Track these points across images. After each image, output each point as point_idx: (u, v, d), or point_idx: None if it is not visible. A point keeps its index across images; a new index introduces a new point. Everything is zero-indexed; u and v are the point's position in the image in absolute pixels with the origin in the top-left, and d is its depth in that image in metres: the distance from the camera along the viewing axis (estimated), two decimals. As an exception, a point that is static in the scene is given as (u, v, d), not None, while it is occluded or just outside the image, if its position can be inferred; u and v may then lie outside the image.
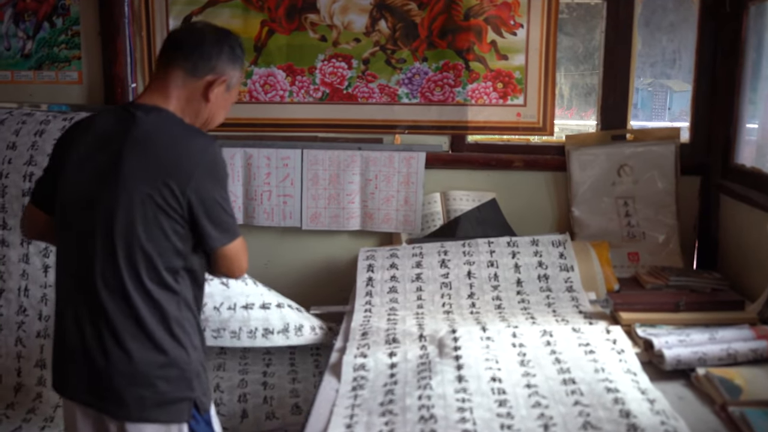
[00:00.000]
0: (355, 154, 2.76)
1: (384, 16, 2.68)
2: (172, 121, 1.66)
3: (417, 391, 1.59)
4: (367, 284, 2.34)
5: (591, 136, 2.72)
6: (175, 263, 1.60)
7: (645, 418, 1.45)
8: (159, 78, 1.72)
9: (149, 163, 1.57)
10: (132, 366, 1.56)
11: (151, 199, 1.55)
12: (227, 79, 1.75)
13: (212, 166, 1.62)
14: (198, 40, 1.72)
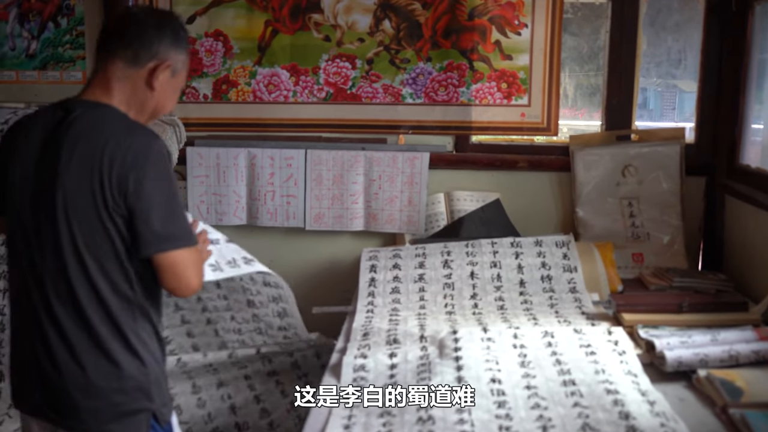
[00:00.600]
0: (359, 154, 2.76)
1: (388, 16, 2.68)
2: (112, 117, 1.56)
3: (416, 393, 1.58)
4: (370, 285, 2.34)
5: (595, 136, 2.71)
6: (125, 270, 1.52)
7: (645, 420, 1.44)
8: (99, 71, 1.62)
9: (87, 164, 1.48)
10: (86, 379, 1.51)
11: (92, 203, 1.47)
12: (171, 64, 1.64)
13: (152, 165, 1.50)
14: (136, 26, 1.62)
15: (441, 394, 1.54)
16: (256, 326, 2.31)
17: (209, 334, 2.37)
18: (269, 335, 2.31)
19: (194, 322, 2.35)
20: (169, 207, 1.52)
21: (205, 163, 2.80)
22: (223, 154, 2.79)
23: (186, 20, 2.74)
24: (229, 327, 2.35)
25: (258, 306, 2.28)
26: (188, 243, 1.55)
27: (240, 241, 2.80)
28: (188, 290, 1.58)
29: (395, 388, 1.59)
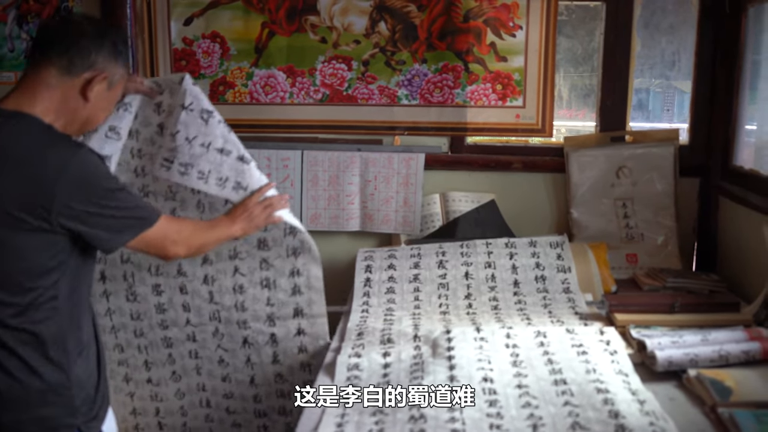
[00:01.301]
0: (355, 155, 2.78)
1: (384, 18, 2.69)
2: (33, 128, 1.50)
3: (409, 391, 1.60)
4: (365, 285, 2.36)
5: (590, 137, 2.73)
6: (42, 280, 1.50)
7: (634, 419, 1.46)
8: (28, 77, 1.56)
9: (5, 181, 1.45)
10: (9, 391, 1.49)
11: (7, 220, 1.45)
12: (108, 76, 1.61)
13: (78, 178, 1.48)
14: (75, 34, 1.57)
15: (439, 394, 1.56)
16: (263, 276, 2.20)
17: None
18: (275, 287, 2.20)
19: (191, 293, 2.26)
20: (112, 206, 1.54)
21: (202, 164, 2.81)
22: (220, 155, 2.80)
23: (183, 22, 2.77)
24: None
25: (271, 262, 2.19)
26: (148, 225, 1.61)
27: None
28: (175, 255, 1.71)
29: (392, 388, 1.61)
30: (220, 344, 2.23)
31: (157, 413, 2.34)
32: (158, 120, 2.02)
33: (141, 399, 2.33)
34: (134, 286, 2.18)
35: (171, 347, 2.25)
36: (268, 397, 2.26)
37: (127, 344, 2.26)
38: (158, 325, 2.22)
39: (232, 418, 2.31)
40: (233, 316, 2.18)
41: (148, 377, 2.30)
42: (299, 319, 2.18)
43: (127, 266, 2.17)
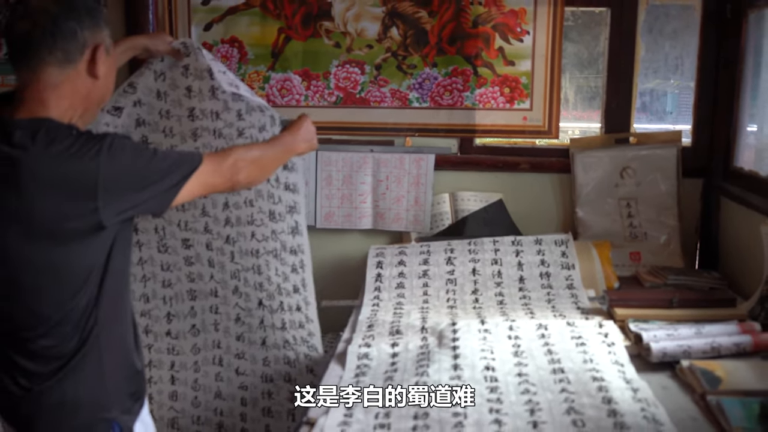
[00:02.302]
0: (367, 155, 2.88)
1: (395, 24, 2.79)
2: (58, 136, 1.42)
3: (414, 377, 1.70)
4: (376, 280, 2.46)
5: (595, 139, 2.81)
6: (85, 285, 1.50)
7: (626, 405, 1.55)
8: (29, 84, 1.46)
9: (44, 199, 1.41)
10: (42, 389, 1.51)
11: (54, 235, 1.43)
12: (103, 44, 1.52)
13: (115, 172, 1.44)
14: (49, 21, 1.44)
15: (437, 380, 1.66)
16: (273, 246, 2.28)
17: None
18: (282, 260, 2.29)
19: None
20: (151, 183, 1.50)
21: (220, 164, 2.92)
22: (238, 155, 2.91)
23: (203, 27, 2.88)
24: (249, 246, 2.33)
25: (278, 218, 2.27)
26: (188, 175, 1.56)
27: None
28: (237, 188, 1.75)
29: (396, 374, 1.71)
30: (238, 302, 2.33)
31: (171, 367, 2.44)
32: (186, 83, 2.16)
33: (158, 351, 2.43)
34: (165, 239, 2.30)
35: (195, 300, 2.36)
36: (276, 362, 2.36)
37: (153, 294, 2.37)
38: (186, 277, 2.34)
39: (240, 379, 2.41)
40: (251, 278, 2.29)
41: (168, 329, 2.41)
42: (297, 296, 2.29)
43: (158, 220, 2.28)
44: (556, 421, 1.49)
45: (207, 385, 2.46)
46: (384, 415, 1.54)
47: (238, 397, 2.44)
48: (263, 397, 2.42)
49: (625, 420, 1.48)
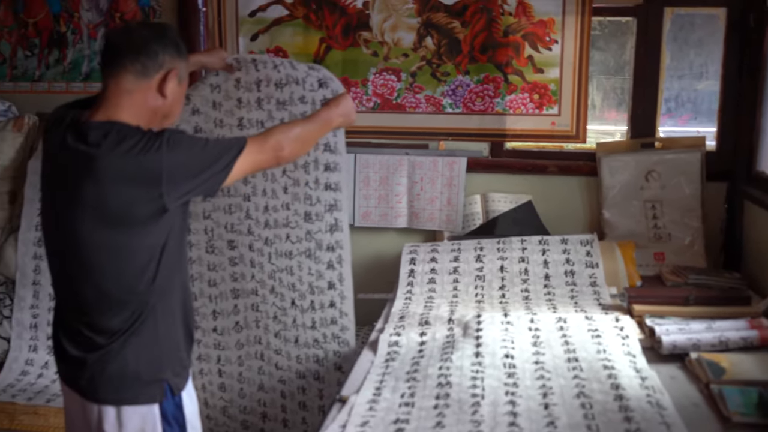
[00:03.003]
0: (403, 158, 3.04)
1: (430, 34, 2.94)
2: (127, 134, 1.65)
3: (439, 363, 1.86)
4: (409, 275, 2.61)
5: (621, 143, 2.93)
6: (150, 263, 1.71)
7: (633, 391, 1.68)
8: (109, 89, 1.71)
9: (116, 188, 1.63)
10: (109, 352, 1.71)
11: (125, 221, 1.66)
12: (177, 72, 1.76)
13: (174, 161, 1.65)
14: (139, 40, 1.72)
15: (459, 365, 1.81)
16: (307, 247, 2.45)
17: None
18: (316, 258, 2.44)
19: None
20: (203, 161, 1.72)
21: (265, 166, 3.12)
22: (282, 157, 3.10)
23: (250, 38, 3.08)
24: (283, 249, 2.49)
25: (314, 219, 2.43)
26: (237, 152, 1.78)
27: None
28: (280, 163, 1.97)
29: (422, 360, 1.87)
30: (275, 302, 2.50)
31: (218, 360, 2.63)
32: (237, 95, 2.37)
33: (206, 346, 2.62)
34: (212, 240, 2.49)
35: (237, 298, 2.54)
36: (307, 360, 2.53)
37: (200, 293, 2.56)
38: (230, 277, 2.52)
39: (279, 373, 2.58)
40: (285, 278, 2.46)
41: (214, 326, 2.59)
42: (332, 291, 2.45)
43: (207, 222, 2.48)
44: (567, 404, 1.63)
45: (251, 378, 2.63)
46: (409, 395, 1.70)
47: (278, 390, 2.61)
48: (298, 391, 2.59)
49: (630, 404, 1.62)
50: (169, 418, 1.77)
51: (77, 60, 3.25)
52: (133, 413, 1.74)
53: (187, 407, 1.83)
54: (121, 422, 1.73)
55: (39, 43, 3.27)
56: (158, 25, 1.87)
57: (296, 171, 2.39)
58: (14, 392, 2.64)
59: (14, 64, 3.31)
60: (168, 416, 1.77)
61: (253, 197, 2.45)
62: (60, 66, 3.27)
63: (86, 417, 1.77)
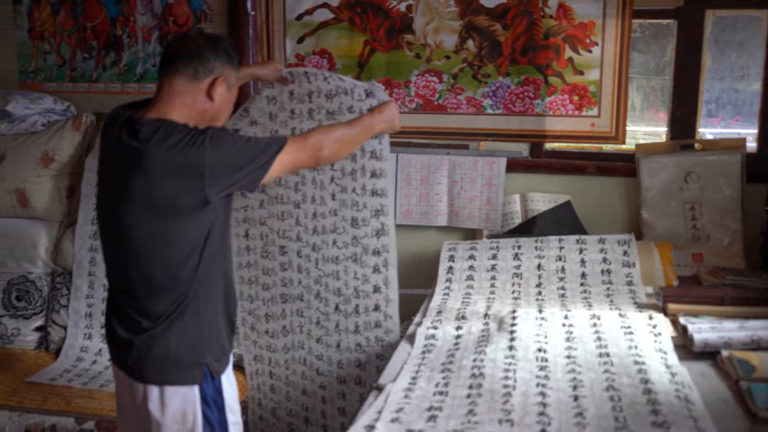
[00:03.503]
0: (444, 158, 3.11)
1: (472, 36, 3.01)
2: (173, 131, 1.78)
3: (473, 355, 1.93)
4: (448, 272, 2.68)
5: (660, 145, 2.95)
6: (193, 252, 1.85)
7: (662, 386, 1.72)
8: (162, 89, 1.87)
9: (164, 179, 1.77)
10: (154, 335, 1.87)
11: (171, 210, 1.80)
12: (226, 78, 1.90)
13: (215, 156, 1.77)
14: (194, 46, 1.86)
15: (493, 358, 1.87)
16: (353, 251, 2.56)
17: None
18: (362, 263, 2.54)
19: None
20: (244, 156, 1.84)
21: (310, 164, 3.22)
22: (326, 156, 3.21)
23: (297, 41, 3.18)
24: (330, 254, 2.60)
25: (360, 224, 2.54)
26: (277, 149, 1.89)
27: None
28: (323, 159, 2.05)
29: (457, 352, 1.94)
30: (318, 307, 2.60)
31: (269, 362, 2.74)
32: (291, 106, 2.49)
33: (260, 347, 2.73)
34: (267, 245, 2.60)
35: (285, 303, 2.64)
36: (349, 365, 2.62)
37: (256, 296, 2.67)
38: (280, 282, 2.63)
39: (320, 379, 2.67)
40: (331, 283, 2.56)
41: (266, 329, 2.70)
42: (377, 295, 2.54)
43: (263, 228, 2.60)
44: (596, 396, 1.69)
45: (295, 382, 2.73)
46: (443, 384, 1.77)
47: (319, 395, 2.70)
48: (338, 397, 2.67)
49: (659, 398, 1.66)
50: (209, 400, 1.90)
51: (132, 62, 3.40)
52: (175, 393, 1.87)
53: (226, 391, 1.96)
54: (164, 401, 1.87)
55: (96, 45, 3.43)
56: (213, 35, 1.99)
57: (344, 178, 2.49)
58: (70, 377, 2.79)
59: (73, 66, 3.48)
60: (207, 398, 1.90)
61: (303, 204, 2.57)
62: (116, 68, 3.42)
63: (133, 396, 1.91)
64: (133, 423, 1.97)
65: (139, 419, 1.93)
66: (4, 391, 2.63)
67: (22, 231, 3.15)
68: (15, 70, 3.55)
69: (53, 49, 3.49)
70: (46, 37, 3.49)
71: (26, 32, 3.51)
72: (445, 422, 1.57)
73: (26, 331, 3.08)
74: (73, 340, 3.01)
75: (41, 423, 2.48)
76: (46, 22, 3.48)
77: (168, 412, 1.87)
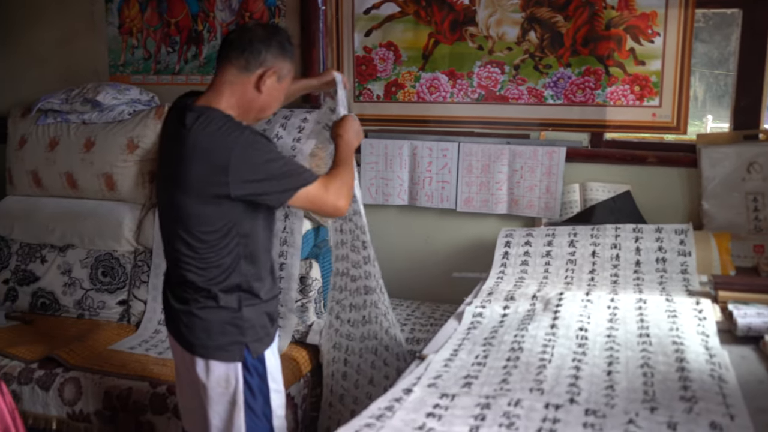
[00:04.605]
0: (505, 147, 3.18)
1: (533, 28, 3.07)
2: (213, 121, 1.88)
3: (515, 331, 2.01)
4: (503, 257, 2.75)
5: (722, 135, 2.93)
6: (223, 239, 1.96)
7: (697, 365, 1.76)
8: (216, 78, 1.96)
9: (195, 165, 1.88)
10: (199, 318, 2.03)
11: (197, 194, 1.91)
12: (277, 71, 1.95)
13: (245, 156, 1.86)
14: (248, 38, 1.92)
15: (533, 334, 1.95)
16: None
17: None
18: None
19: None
20: (274, 171, 1.91)
21: (375, 152, 3.35)
22: (390, 145, 3.33)
23: (365, 34, 3.31)
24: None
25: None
26: (305, 183, 1.96)
27: (401, 219, 3.38)
28: (337, 212, 2.07)
29: (501, 329, 2.03)
30: (380, 299, 2.73)
31: (346, 350, 2.86)
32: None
33: (340, 336, 2.86)
34: (355, 240, 2.69)
35: (367, 294, 2.75)
36: (405, 359, 2.73)
37: (345, 286, 2.78)
38: (364, 275, 2.72)
39: (385, 370, 2.75)
40: (371, 283, 2.67)
41: (348, 317, 2.82)
42: None
43: (350, 224, 2.69)
44: (629, 372, 1.74)
45: (365, 371, 2.83)
46: (483, 357, 1.86)
47: (383, 386, 2.79)
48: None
49: (691, 375, 1.70)
50: (250, 368, 2.05)
51: (211, 55, 3.61)
52: (218, 365, 2.03)
53: (268, 360, 2.11)
54: (209, 368, 2.03)
55: (179, 40, 3.66)
56: (271, 26, 2.05)
57: None
58: (147, 347, 3.01)
59: (158, 60, 3.72)
60: (249, 366, 2.05)
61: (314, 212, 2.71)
62: (196, 61, 3.64)
63: (185, 363, 2.10)
64: (187, 384, 2.15)
65: (191, 383, 2.11)
66: (88, 357, 2.87)
67: (109, 212, 3.40)
68: (106, 64, 3.82)
69: (140, 43, 3.74)
70: (134, 32, 3.74)
71: (117, 29, 3.77)
72: (478, 388, 1.67)
73: (110, 304, 3.32)
74: (152, 313, 3.23)
75: (119, 386, 2.70)
76: (135, 18, 3.73)
77: (212, 377, 2.03)
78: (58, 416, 2.77)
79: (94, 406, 2.72)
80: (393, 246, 3.39)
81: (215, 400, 2.04)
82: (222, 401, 2.04)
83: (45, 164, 3.52)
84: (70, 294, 3.37)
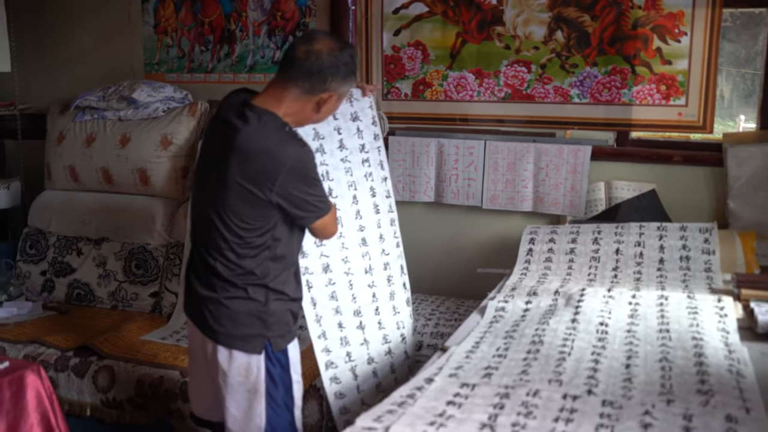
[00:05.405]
0: (530, 146, 3.21)
1: (560, 27, 3.10)
2: (273, 125, 1.96)
3: (536, 325, 2.05)
4: (527, 254, 2.79)
5: (749, 134, 2.94)
6: (258, 238, 2.02)
7: (715, 360, 1.79)
8: (277, 86, 2.01)
9: (249, 165, 1.94)
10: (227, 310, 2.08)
11: (242, 192, 1.96)
12: (339, 96, 2.04)
13: (297, 169, 1.95)
14: (316, 63, 1.96)
15: (554, 328, 1.99)
16: None
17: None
18: None
19: None
20: (311, 195, 2.01)
21: (403, 150, 3.41)
22: (418, 142, 3.38)
23: (393, 33, 3.37)
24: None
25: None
26: (325, 212, 2.08)
27: (428, 215, 3.43)
28: (330, 237, 2.24)
29: (522, 323, 2.07)
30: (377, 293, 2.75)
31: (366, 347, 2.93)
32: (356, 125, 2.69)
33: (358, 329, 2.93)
34: (396, 236, 2.77)
35: (392, 285, 2.83)
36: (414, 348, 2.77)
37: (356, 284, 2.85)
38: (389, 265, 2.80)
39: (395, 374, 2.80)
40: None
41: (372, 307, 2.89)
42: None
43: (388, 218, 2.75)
44: (648, 366, 1.77)
45: (381, 364, 2.82)
46: (504, 349, 1.91)
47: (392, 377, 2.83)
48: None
49: (709, 369, 1.73)
50: (272, 358, 2.11)
51: (243, 54, 3.69)
52: (241, 355, 2.09)
53: (290, 351, 2.16)
54: (231, 357, 2.09)
55: (212, 39, 3.75)
56: (338, 45, 2.02)
57: None
58: (178, 337, 3.09)
59: (192, 58, 3.81)
60: (271, 356, 2.11)
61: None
62: (229, 59, 3.73)
63: (204, 349, 2.15)
64: (203, 373, 2.21)
65: (208, 369, 2.16)
66: (122, 346, 2.96)
67: (143, 206, 3.50)
68: (141, 62, 3.92)
69: (175, 42, 3.83)
70: (169, 32, 3.84)
71: (152, 28, 3.87)
72: (498, 379, 1.71)
73: (143, 296, 3.42)
74: (184, 306, 3.32)
75: (151, 374, 2.79)
76: (170, 18, 3.83)
77: (234, 365, 2.09)
78: (92, 403, 2.87)
79: (127, 394, 2.81)
80: (419, 242, 3.43)
81: (234, 388, 2.10)
82: (241, 390, 2.10)
83: (82, 159, 3.63)
84: (105, 286, 3.47)
